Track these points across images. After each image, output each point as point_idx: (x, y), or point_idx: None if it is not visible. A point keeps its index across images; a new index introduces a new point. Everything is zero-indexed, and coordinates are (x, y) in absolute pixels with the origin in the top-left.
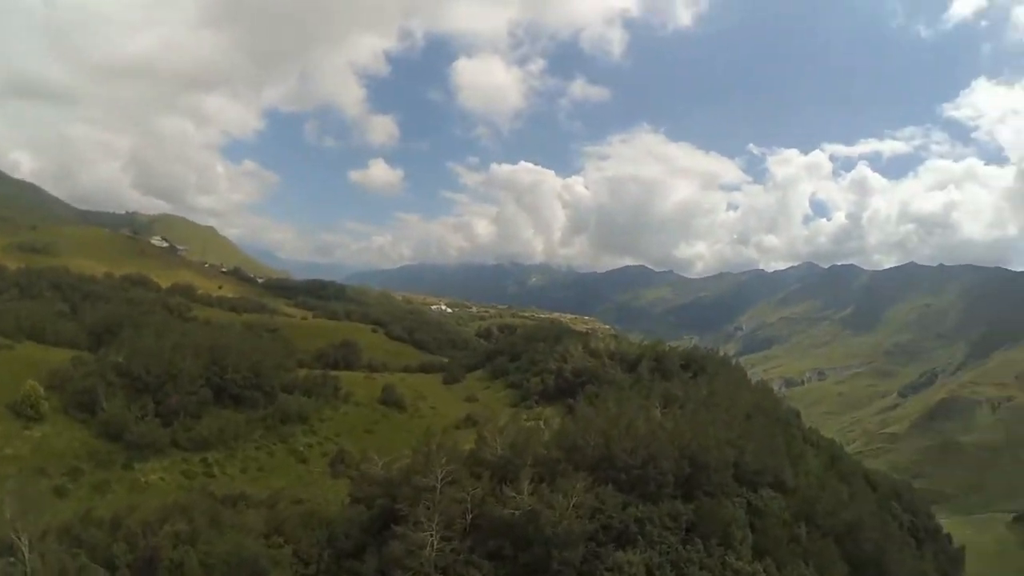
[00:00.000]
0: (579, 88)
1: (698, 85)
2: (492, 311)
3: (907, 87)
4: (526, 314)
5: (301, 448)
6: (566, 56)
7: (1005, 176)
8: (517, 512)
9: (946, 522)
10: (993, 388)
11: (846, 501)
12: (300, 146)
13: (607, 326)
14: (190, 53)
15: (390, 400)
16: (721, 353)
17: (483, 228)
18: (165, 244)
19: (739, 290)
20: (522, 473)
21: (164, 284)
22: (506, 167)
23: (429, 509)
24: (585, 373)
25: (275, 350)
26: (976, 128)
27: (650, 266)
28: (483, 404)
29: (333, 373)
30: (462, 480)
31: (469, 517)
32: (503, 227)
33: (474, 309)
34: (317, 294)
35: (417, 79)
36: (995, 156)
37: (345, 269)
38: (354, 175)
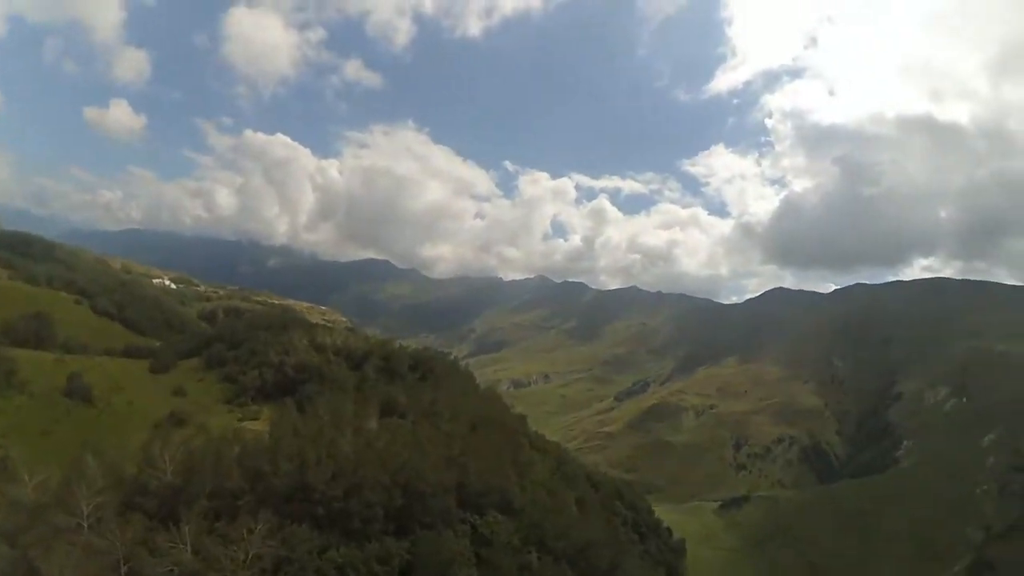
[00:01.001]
0: (353, 69)
1: (470, 95)
2: (222, 292)
3: (656, 139)
4: (259, 298)
5: None
6: (349, 33)
7: (724, 227)
8: (176, 570)
9: (658, 509)
10: (697, 398)
11: (576, 517)
12: (37, 65)
13: (344, 319)
14: None
15: (76, 391)
16: (452, 355)
17: (225, 198)
18: None
19: (477, 294)
20: (192, 510)
21: None
22: (261, 136)
23: (66, 560)
24: (308, 369)
25: None
26: (707, 184)
27: (394, 262)
28: (192, 400)
29: (10, 353)
30: (109, 521)
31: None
32: (247, 200)
33: (202, 288)
34: (20, 250)
35: (185, 16)
36: (718, 209)
37: (62, 224)
38: (90, 113)
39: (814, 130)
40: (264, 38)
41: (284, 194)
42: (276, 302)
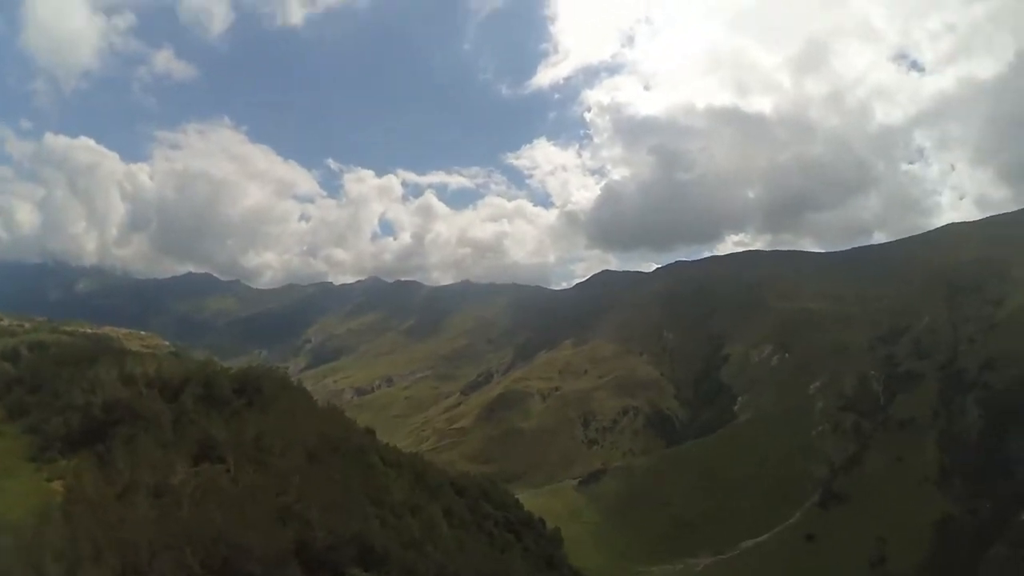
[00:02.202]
0: (164, 60)
1: (290, 88)
2: (27, 325)
3: (481, 133)
4: (70, 328)
5: None
6: (160, 18)
7: (549, 216)
8: None
9: (521, 496)
10: (541, 382)
11: (455, 551)
12: None
13: (167, 342)
14: None
15: None
16: (288, 369)
17: (26, 215)
18: None
19: (308, 302)
20: None
21: None
22: (63, 139)
23: None
24: (118, 407)
25: None
26: (531, 176)
27: (216, 274)
28: None
29: None
30: None
31: None
32: (51, 216)
33: (5, 322)
34: None
35: None
36: (543, 200)
37: None
38: None
39: (630, 122)
40: (65, 24)
41: (91, 206)
42: (90, 331)
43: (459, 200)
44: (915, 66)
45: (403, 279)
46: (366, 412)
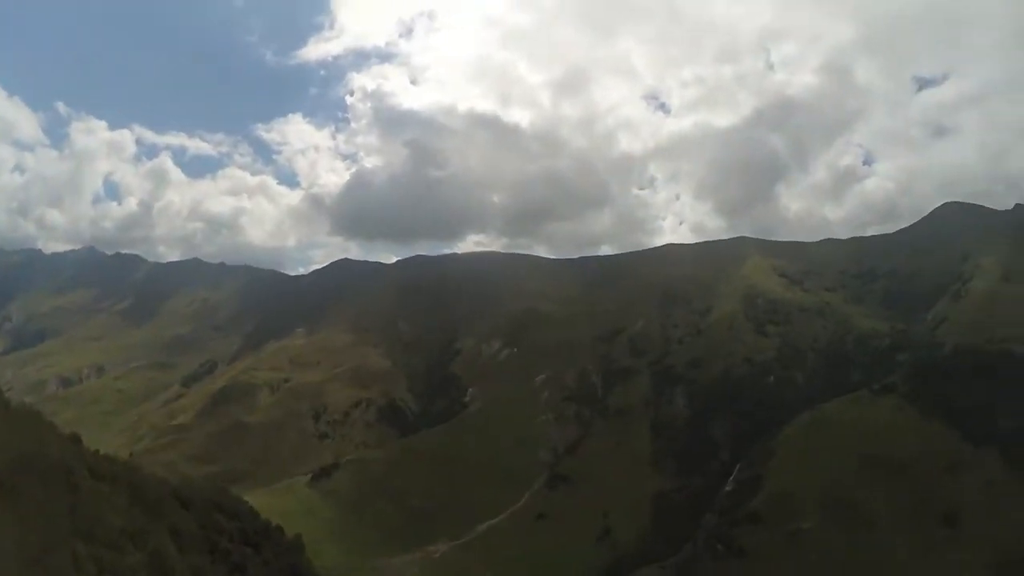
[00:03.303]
0: None
1: (25, 19)
2: None
3: (234, 98)
4: None
5: None
6: None
7: (293, 197)
8: None
9: (249, 496)
10: (270, 373)
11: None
12: None
13: None
14: None
15: None
16: None
17: None
18: None
19: (13, 272)
20: None
21: None
22: None
23: None
24: None
25: None
26: (280, 152)
27: None
28: None
29: None
30: None
31: None
32: None
33: None
34: None
35: None
36: (288, 179)
37: None
38: None
39: (391, 113)
40: None
41: None
42: None
43: (198, 168)
44: (662, 107)
45: (123, 251)
46: (72, 407)
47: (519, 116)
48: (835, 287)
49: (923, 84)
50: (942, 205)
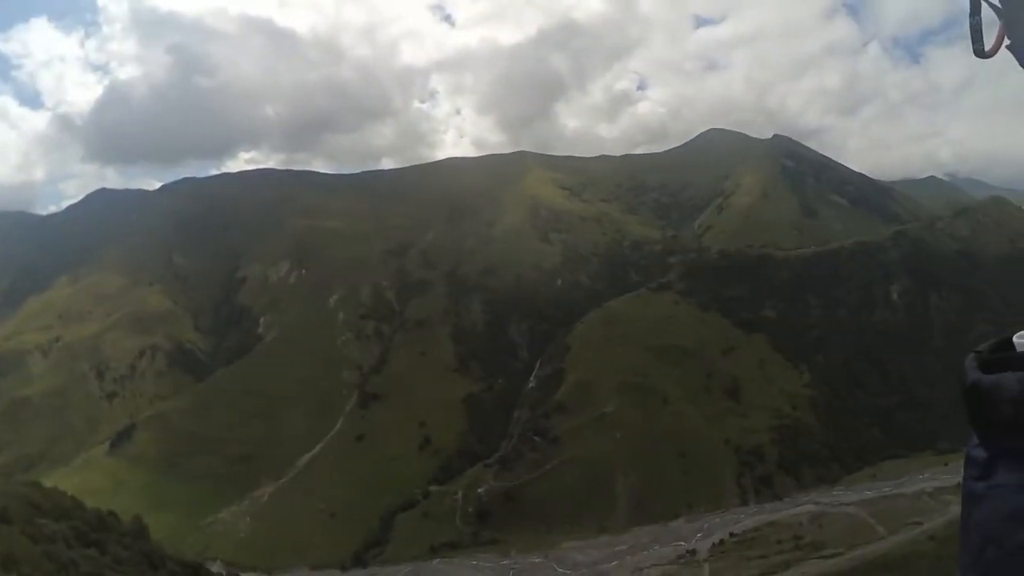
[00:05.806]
0: None
1: None
2: None
3: None
4: None
5: None
6: None
7: (39, 120)
8: None
9: (47, 479)
10: (37, 333)
11: None
12: None
13: None
14: None
15: None
16: None
17: None
18: None
19: None
20: None
21: None
22: None
23: None
24: None
25: None
26: (20, 67)
27: None
28: None
29: None
30: None
31: None
32: None
33: None
34: None
35: None
36: (31, 100)
37: None
38: None
39: (152, 15)
40: None
41: None
42: None
43: None
44: (448, 19)
45: None
46: None
47: (296, 20)
48: (611, 199)
49: (701, 22)
50: (708, 130)
